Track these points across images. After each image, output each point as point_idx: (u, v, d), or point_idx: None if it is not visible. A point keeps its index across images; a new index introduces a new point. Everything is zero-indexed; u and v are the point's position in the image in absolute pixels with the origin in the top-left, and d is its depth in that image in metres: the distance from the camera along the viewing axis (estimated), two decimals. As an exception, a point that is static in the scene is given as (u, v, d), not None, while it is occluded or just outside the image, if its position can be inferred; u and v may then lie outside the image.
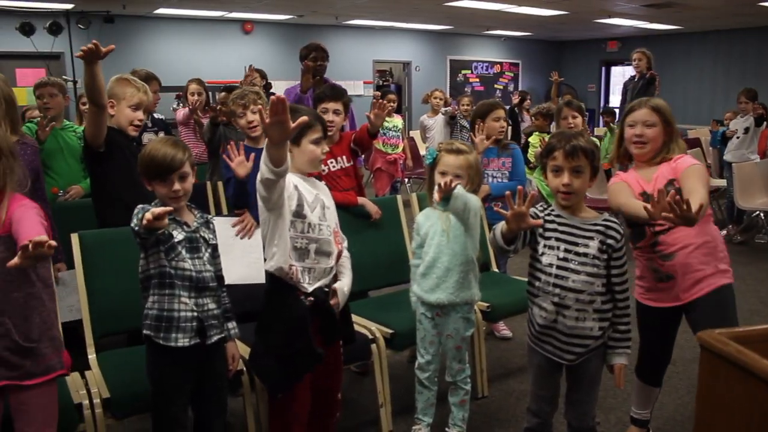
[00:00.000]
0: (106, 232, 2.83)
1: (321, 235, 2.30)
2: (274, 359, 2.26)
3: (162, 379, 2.16)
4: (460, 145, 2.73)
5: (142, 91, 3.02)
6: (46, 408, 2.03)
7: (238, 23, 12.09)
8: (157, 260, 2.11)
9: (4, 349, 1.90)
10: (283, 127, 1.91)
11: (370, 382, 3.15)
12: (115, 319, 2.67)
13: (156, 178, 2.13)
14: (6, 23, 9.68)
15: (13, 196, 1.95)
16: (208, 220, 2.29)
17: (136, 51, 10.85)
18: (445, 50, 14.95)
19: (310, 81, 4.41)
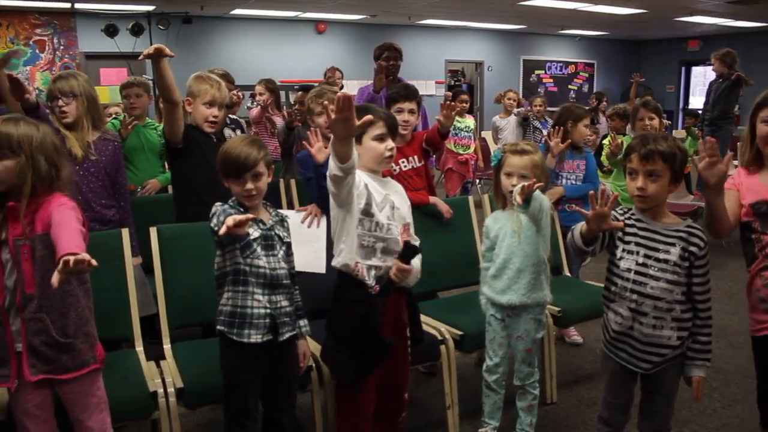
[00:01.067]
0: (183, 226, 2.91)
1: (389, 234, 2.30)
2: (346, 353, 2.29)
3: (234, 373, 2.20)
4: (525, 146, 2.70)
5: (215, 87, 3.05)
6: (92, 396, 2.07)
7: (312, 23, 12.23)
8: (232, 258, 2.15)
9: (41, 344, 1.95)
10: (347, 124, 1.93)
11: (437, 382, 3.14)
12: (191, 311, 2.75)
13: (231, 176, 2.18)
14: (92, 25, 10.11)
15: (53, 195, 1.98)
16: (283, 218, 2.32)
17: (212, 51, 11.14)
18: (519, 50, 14.75)
19: (383, 81, 4.43)
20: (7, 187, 1.93)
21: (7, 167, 1.91)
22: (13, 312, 1.94)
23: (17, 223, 1.91)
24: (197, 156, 3.03)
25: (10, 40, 10.00)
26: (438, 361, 2.85)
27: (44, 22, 10.19)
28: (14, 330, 1.95)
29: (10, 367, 1.96)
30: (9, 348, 1.95)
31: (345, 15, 11.63)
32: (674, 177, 2.14)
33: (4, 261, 1.93)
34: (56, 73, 2.95)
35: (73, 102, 2.83)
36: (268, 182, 2.24)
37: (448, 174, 6.68)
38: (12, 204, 1.92)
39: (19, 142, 1.92)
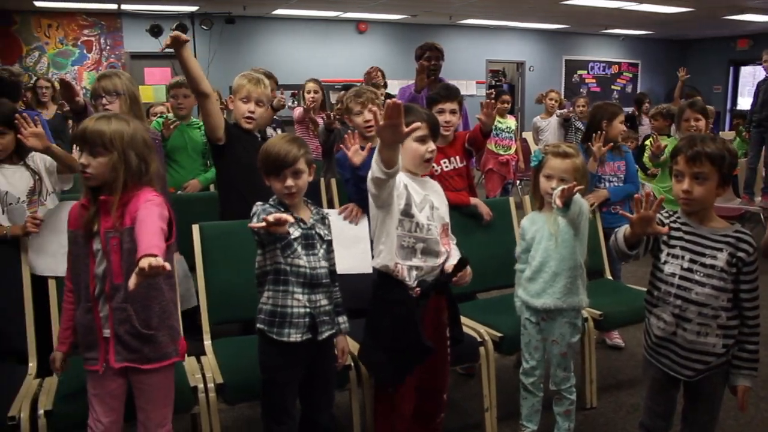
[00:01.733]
0: (225, 224, 2.95)
1: (429, 235, 2.30)
2: (384, 353, 2.29)
3: (273, 371, 2.22)
4: (567, 148, 2.66)
5: (252, 83, 3.05)
6: (163, 390, 2.13)
7: (353, 23, 12.28)
8: (273, 257, 2.17)
9: (125, 333, 2.01)
10: (395, 131, 1.93)
11: (475, 384, 3.13)
12: (231, 308, 2.78)
13: (271, 173, 2.20)
14: (137, 26, 10.31)
15: (141, 189, 2.04)
16: (324, 216, 2.34)
17: (254, 51, 11.26)
18: (561, 50, 14.58)
19: (424, 80, 4.43)
20: (100, 182, 2.00)
21: (101, 163, 1.98)
22: (103, 300, 2.02)
23: (109, 215, 1.98)
24: (239, 154, 3.05)
25: (60, 41, 10.26)
26: (477, 362, 2.84)
27: (91, 23, 10.43)
28: (102, 317, 2.03)
29: (99, 352, 2.04)
30: (98, 333, 2.03)
31: (386, 15, 11.65)
32: (722, 180, 2.07)
33: (95, 251, 2.01)
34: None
35: (117, 100, 2.89)
36: (309, 181, 2.25)
37: (489, 175, 6.65)
38: (104, 198, 1.99)
39: (111, 139, 1.98)
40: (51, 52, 10.22)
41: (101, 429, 2.07)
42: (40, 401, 2.26)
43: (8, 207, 2.74)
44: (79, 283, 2.07)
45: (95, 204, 2.01)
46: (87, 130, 1.99)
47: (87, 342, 2.07)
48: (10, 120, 2.69)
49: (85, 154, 1.99)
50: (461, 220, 3.20)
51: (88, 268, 2.03)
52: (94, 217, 2.01)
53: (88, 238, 2.02)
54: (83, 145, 2.00)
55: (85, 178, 2.01)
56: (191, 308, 2.89)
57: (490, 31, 13.47)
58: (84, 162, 1.99)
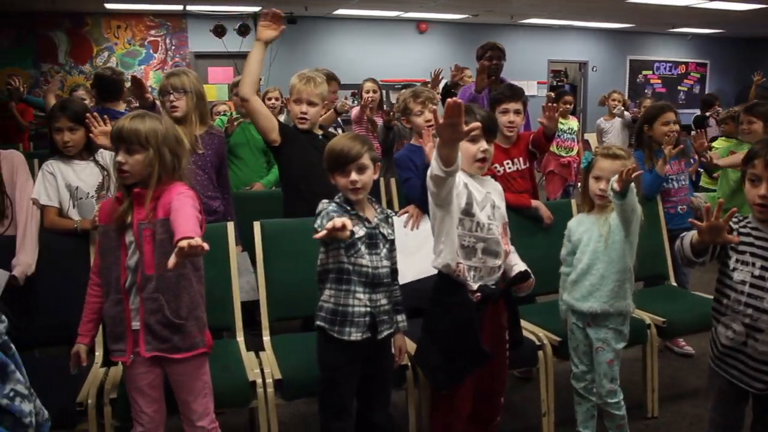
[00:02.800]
0: (286, 221, 2.99)
1: (489, 234, 2.27)
2: (440, 356, 2.28)
3: (332, 368, 2.24)
4: (618, 150, 2.62)
5: (302, 82, 3.05)
6: (198, 380, 2.17)
7: (413, 23, 12.26)
8: (336, 256, 2.18)
9: (156, 323, 2.07)
10: (455, 130, 1.92)
11: (532, 388, 3.09)
12: (290, 304, 2.82)
13: (336, 169, 2.21)
14: (201, 26, 10.53)
15: (174, 184, 2.11)
16: (388, 215, 2.34)
17: (315, 51, 11.36)
18: (625, 50, 14.23)
19: (485, 81, 4.39)
20: (137, 179, 2.08)
21: (138, 161, 2.06)
22: (134, 291, 2.09)
23: (142, 208, 2.06)
24: (297, 153, 3.06)
25: (128, 41, 10.57)
26: (535, 366, 2.80)
27: (158, 24, 10.70)
28: (133, 309, 2.09)
29: (126, 343, 2.10)
30: (126, 325, 2.09)
31: (447, 15, 11.59)
32: None
33: (128, 243, 2.08)
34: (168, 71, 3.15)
35: (184, 97, 2.98)
36: (375, 178, 2.26)
37: (550, 176, 6.55)
38: (138, 190, 2.07)
39: (146, 136, 2.06)
40: (119, 52, 10.54)
41: (146, 420, 2.13)
42: (105, 390, 2.33)
43: (78, 201, 2.84)
44: (109, 276, 2.12)
45: (129, 196, 2.08)
46: (123, 129, 2.06)
47: (114, 334, 2.13)
48: (81, 118, 2.79)
49: (121, 153, 2.06)
50: (522, 223, 3.16)
51: (120, 261, 2.09)
52: (128, 209, 2.07)
53: (120, 230, 2.08)
54: (120, 143, 2.07)
55: (122, 176, 2.08)
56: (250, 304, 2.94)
57: (553, 30, 13.26)
58: (121, 160, 2.06)
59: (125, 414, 2.26)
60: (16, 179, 2.74)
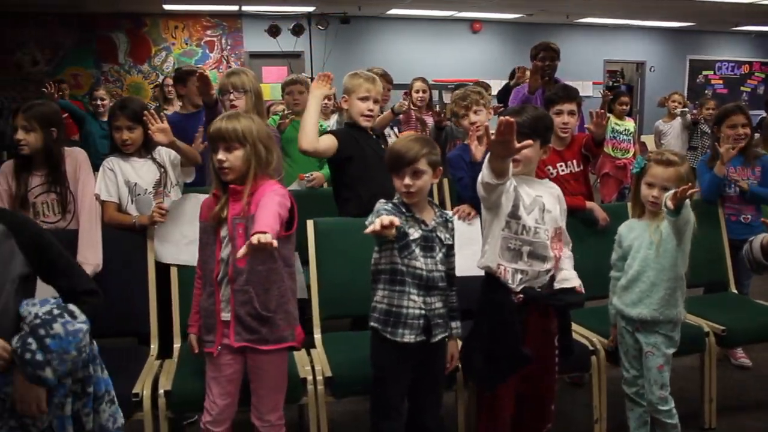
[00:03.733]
0: (339, 220, 3.00)
1: (536, 238, 2.24)
2: (482, 356, 2.27)
3: (384, 368, 2.24)
4: (671, 156, 2.54)
5: (369, 81, 3.07)
6: (277, 374, 2.23)
7: (467, 23, 12.19)
8: (389, 256, 2.18)
9: (246, 314, 2.13)
10: (507, 146, 1.92)
11: (583, 394, 3.03)
12: (342, 303, 2.83)
13: (393, 170, 2.22)
14: (256, 26, 10.68)
15: (266, 181, 2.18)
16: (448, 219, 2.32)
17: (368, 50, 11.40)
18: (685, 49, 13.84)
19: (538, 81, 4.34)
20: (236, 175, 2.16)
21: (237, 158, 2.14)
22: (225, 283, 2.16)
23: (237, 203, 2.14)
24: (352, 153, 3.04)
25: (185, 41, 10.80)
26: (587, 372, 2.75)
27: (214, 24, 10.90)
28: (223, 300, 2.16)
29: (216, 335, 2.17)
30: (217, 317, 2.17)
31: (501, 14, 11.50)
32: None
33: (222, 237, 2.16)
34: (225, 71, 3.21)
35: (243, 96, 3.04)
36: (434, 182, 2.26)
37: (604, 179, 6.41)
38: (234, 186, 2.15)
39: (243, 133, 2.15)
40: (177, 52, 10.77)
41: (216, 411, 2.18)
42: (160, 381, 2.39)
43: (137, 197, 2.91)
44: (206, 269, 2.22)
45: (225, 192, 2.16)
46: (222, 129, 2.14)
47: (207, 325, 2.21)
48: (139, 117, 2.86)
49: (221, 151, 2.14)
50: (575, 225, 3.09)
51: (214, 254, 2.18)
52: (224, 205, 2.15)
53: (216, 225, 2.17)
54: (218, 143, 2.15)
55: (223, 173, 2.15)
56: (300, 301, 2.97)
57: (609, 30, 13.01)
58: (221, 158, 2.13)
59: (178, 405, 2.33)
60: (78, 175, 2.82)
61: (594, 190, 4.27)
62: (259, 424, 2.23)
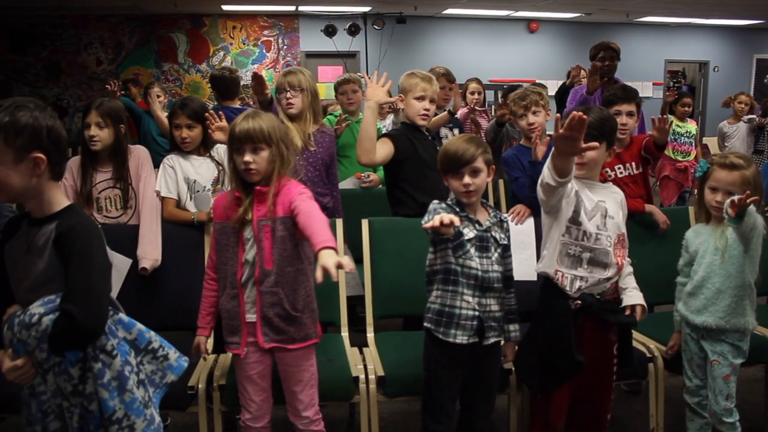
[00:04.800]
0: (394, 220, 3.00)
1: (597, 244, 2.20)
2: (535, 360, 2.25)
3: (436, 369, 2.23)
4: (736, 159, 2.44)
5: (425, 80, 3.05)
6: (306, 370, 2.23)
7: (524, 22, 12.04)
8: (444, 256, 2.17)
9: (274, 315, 2.14)
10: (573, 144, 1.88)
11: (639, 402, 2.97)
12: (395, 302, 2.83)
13: (449, 171, 2.21)
14: (313, 26, 10.78)
15: (290, 182, 2.17)
16: (502, 219, 2.30)
17: (424, 50, 11.37)
18: (751, 48, 13.34)
19: (597, 82, 4.25)
20: (262, 176, 2.15)
21: (264, 158, 2.14)
22: (249, 285, 2.16)
23: (262, 205, 2.13)
24: (408, 155, 3.03)
25: (242, 41, 10.97)
26: (644, 380, 2.68)
27: (271, 24, 11.05)
28: (248, 302, 2.17)
29: (241, 336, 2.18)
30: (241, 319, 2.18)
31: (559, 13, 11.33)
32: None
33: (246, 239, 2.16)
34: (282, 70, 3.25)
35: (300, 95, 3.07)
36: (488, 181, 2.24)
37: (664, 182, 6.26)
38: (259, 188, 2.14)
39: (269, 133, 2.14)
40: (234, 52, 10.95)
41: (254, 408, 2.21)
42: (215, 376, 2.43)
43: (195, 194, 2.97)
44: (226, 271, 2.20)
45: (250, 194, 2.15)
46: (250, 130, 2.12)
47: (230, 327, 2.21)
48: (199, 116, 2.93)
49: (248, 153, 2.12)
50: (634, 229, 3.02)
51: (237, 256, 2.16)
52: (249, 206, 2.14)
53: (239, 227, 2.15)
54: (246, 144, 2.12)
55: (249, 174, 2.14)
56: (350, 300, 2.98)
57: (671, 28, 12.66)
58: (248, 159, 2.11)
59: (232, 400, 2.35)
60: (140, 172, 2.90)
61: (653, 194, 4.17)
62: (296, 421, 2.24)
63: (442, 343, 2.17)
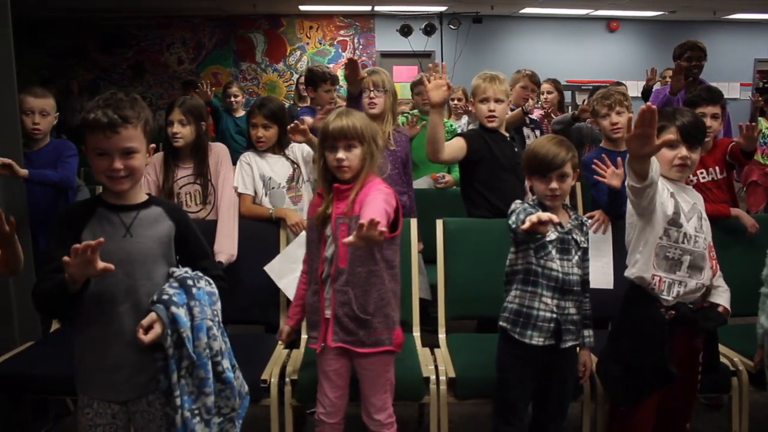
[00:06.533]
0: (469, 221, 2.98)
1: (696, 247, 2.15)
2: (621, 368, 2.19)
3: (510, 371, 2.21)
4: None
5: (488, 81, 3.00)
6: (380, 376, 2.20)
7: (603, 21, 11.75)
8: (525, 257, 2.15)
9: (344, 315, 2.13)
10: (646, 142, 1.81)
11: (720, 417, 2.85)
12: (468, 304, 2.82)
13: (536, 174, 2.18)
14: (389, 26, 10.85)
15: (372, 180, 2.17)
16: (583, 222, 2.27)
17: (500, 50, 11.26)
18: None
19: (681, 82, 4.11)
20: (354, 173, 2.16)
21: (356, 156, 2.15)
22: (328, 282, 2.18)
23: (341, 202, 2.15)
24: (483, 156, 2.99)
25: (318, 41, 11.13)
26: (727, 394, 2.57)
27: (347, 24, 11.17)
28: (327, 298, 2.19)
29: (320, 331, 2.20)
30: (321, 314, 2.20)
31: (640, 12, 11.01)
32: None
33: (326, 236, 2.18)
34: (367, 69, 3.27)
35: (383, 96, 3.11)
36: (572, 184, 2.21)
37: (751, 187, 5.98)
38: (337, 185, 2.16)
39: (362, 131, 2.15)
40: (310, 52, 11.13)
41: (327, 403, 2.22)
42: (287, 370, 2.47)
43: (270, 191, 3.04)
44: (312, 266, 2.24)
45: (330, 192, 2.17)
46: (344, 127, 2.13)
47: (312, 321, 2.25)
48: (276, 115, 3.00)
49: (341, 150, 2.13)
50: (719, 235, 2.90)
51: (319, 252, 2.19)
52: (330, 203, 2.16)
53: (322, 224, 2.18)
54: (339, 141, 2.14)
55: (341, 171, 2.15)
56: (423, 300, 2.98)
57: (761, 26, 12.10)
58: (341, 156, 2.13)
59: (304, 394, 2.39)
60: (220, 169, 2.98)
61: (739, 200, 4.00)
62: (368, 422, 2.24)
63: (517, 344, 2.15)
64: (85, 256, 1.58)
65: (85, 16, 10.18)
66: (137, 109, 1.76)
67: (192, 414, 1.78)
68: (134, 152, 1.75)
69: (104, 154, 1.74)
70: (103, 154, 1.74)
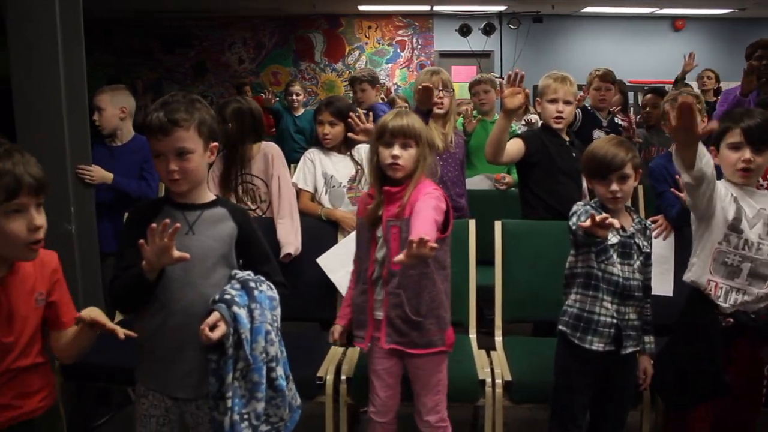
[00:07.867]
0: (527, 223, 2.95)
1: (759, 255, 2.07)
2: (674, 372, 2.14)
3: (568, 376, 2.18)
4: None
5: (558, 82, 2.97)
6: (433, 377, 2.19)
7: (668, 20, 11.44)
8: (586, 260, 2.12)
9: (396, 317, 2.12)
10: (688, 133, 1.83)
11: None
12: (525, 306, 2.79)
13: (595, 176, 2.15)
14: (447, 26, 10.79)
15: (423, 182, 2.15)
16: (646, 226, 2.22)
17: (561, 50, 11.07)
18: None
19: (753, 83, 3.95)
20: (406, 174, 2.15)
21: (411, 156, 2.14)
22: (380, 284, 2.18)
23: (392, 205, 2.13)
24: (542, 158, 2.96)
25: (377, 41, 11.16)
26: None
27: (406, 24, 11.16)
28: (378, 300, 2.18)
29: (366, 331, 2.20)
30: (369, 314, 2.20)
31: (708, 10, 10.67)
32: None
33: (378, 237, 2.17)
34: (418, 70, 3.29)
35: (448, 96, 3.10)
36: (634, 186, 2.16)
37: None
38: (387, 188, 2.15)
39: (419, 132, 2.15)
40: (369, 51, 11.16)
41: (378, 403, 2.22)
42: (343, 368, 2.48)
43: (331, 189, 3.06)
44: (361, 266, 2.24)
45: (381, 194, 2.15)
46: (403, 125, 2.13)
47: (358, 321, 2.24)
48: (342, 113, 3.01)
49: (397, 147, 2.13)
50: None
51: (369, 253, 2.18)
52: (380, 205, 2.15)
53: (373, 225, 2.17)
54: (396, 138, 2.13)
55: (393, 169, 2.14)
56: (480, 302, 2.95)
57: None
58: (396, 153, 2.12)
59: (359, 393, 2.39)
60: (272, 169, 3.00)
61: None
62: (419, 423, 2.23)
63: (577, 349, 2.11)
64: (163, 241, 1.62)
65: (150, 16, 10.46)
66: (191, 110, 1.78)
67: (241, 418, 1.77)
68: (188, 153, 1.77)
69: (160, 155, 1.78)
70: (159, 155, 1.78)
